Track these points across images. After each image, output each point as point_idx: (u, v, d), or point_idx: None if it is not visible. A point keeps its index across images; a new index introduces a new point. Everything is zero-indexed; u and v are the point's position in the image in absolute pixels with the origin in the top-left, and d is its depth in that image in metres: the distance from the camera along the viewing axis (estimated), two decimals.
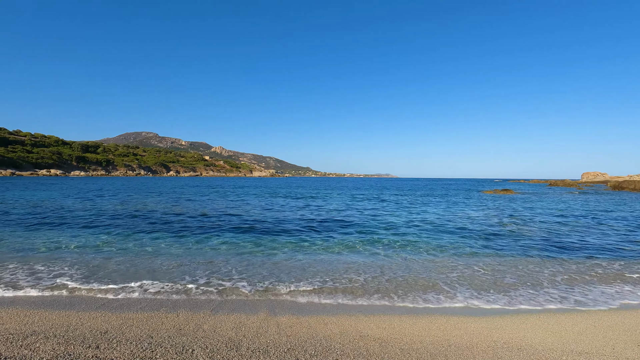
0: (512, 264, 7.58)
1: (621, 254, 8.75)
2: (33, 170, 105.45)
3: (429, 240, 9.95)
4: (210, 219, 13.75)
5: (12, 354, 3.25)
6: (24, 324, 4.07)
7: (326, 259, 7.66)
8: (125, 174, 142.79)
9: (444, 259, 7.86)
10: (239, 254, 8.05)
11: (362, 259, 7.78)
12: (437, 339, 3.95)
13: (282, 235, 10.41)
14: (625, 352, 3.71)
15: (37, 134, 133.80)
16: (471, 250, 8.85)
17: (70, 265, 6.73)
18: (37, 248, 8.22)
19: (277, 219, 14.34)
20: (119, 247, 8.52)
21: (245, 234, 10.67)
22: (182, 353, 3.39)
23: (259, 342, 3.73)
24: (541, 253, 8.68)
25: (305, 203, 22.88)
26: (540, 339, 4.00)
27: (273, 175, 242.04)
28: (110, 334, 3.80)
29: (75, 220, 12.93)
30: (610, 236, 11.25)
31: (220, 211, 16.73)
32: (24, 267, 6.60)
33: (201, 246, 8.76)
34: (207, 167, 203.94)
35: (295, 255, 8.01)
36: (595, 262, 7.86)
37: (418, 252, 8.59)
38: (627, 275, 6.80)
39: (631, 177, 56.73)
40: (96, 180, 74.55)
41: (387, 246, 9.13)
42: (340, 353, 3.51)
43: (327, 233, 11.00)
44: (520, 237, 10.94)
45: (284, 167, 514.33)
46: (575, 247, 9.48)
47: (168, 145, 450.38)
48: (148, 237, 9.74)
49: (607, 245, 9.68)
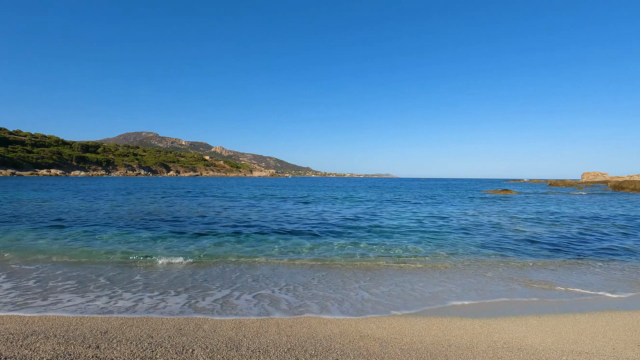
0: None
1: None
2: (33, 170, 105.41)
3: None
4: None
5: (12, 354, 3.24)
6: (24, 323, 4.07)
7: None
8: (125, 174, 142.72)
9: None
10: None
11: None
12: (437, 339, 3.95)
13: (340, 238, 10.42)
14: (625, 352, 3.71)
15: (37, 134, 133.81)
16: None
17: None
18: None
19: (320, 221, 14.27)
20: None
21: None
22: (182, 353, 3.39)
23: (259, 342, 3.73)
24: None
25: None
26: (540, 339, 4.00)
27: (273, 175, 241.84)
28: (110, 334, 3.80)
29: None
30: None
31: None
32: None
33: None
34: (207, 167, 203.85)
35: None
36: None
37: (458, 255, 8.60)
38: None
39: (631, 177, 56.71)
40: (97, 180, 74.50)
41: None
42: (340, 353, 3.51)
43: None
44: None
45: (284, 167, 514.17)
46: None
47: (168, 145, 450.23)
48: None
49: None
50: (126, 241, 9.20)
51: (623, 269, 7.39)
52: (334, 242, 9.59)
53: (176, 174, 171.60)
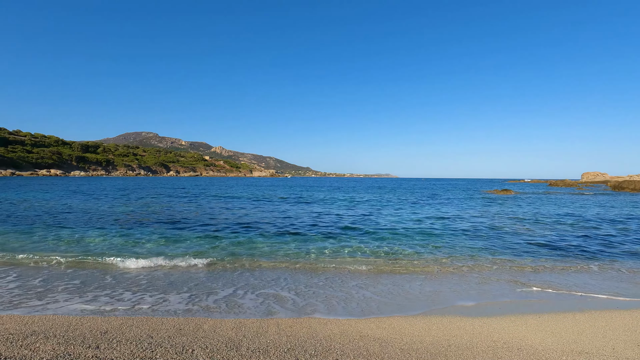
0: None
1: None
2: (33, 170, 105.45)
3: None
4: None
5: (12, 354, 3.24)
6: (24, 323, 4.07)
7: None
8: (125, 174, 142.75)
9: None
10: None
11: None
12: (437, 339, 3.95)
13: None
14: (625, 352, 3.71)
15: (37, 134, 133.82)
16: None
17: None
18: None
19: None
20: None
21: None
22: (182, 353, 3.39)
23: (259, 342, 3.73)
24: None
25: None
26: (540, 339, 4.00)
27: (273, 175, 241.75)
28: (110, 334, 3.80)
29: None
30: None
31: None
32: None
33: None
34: (207, 167, 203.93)
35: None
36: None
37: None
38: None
39: (631, 177, 56.71)
40: (98, 180, 74.51)
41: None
42: (340, 353, 3.51)
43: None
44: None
45: (284, 167, 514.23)
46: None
47: (168, 145, 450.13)
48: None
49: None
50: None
51: (623, 269, 7.40)
52: (327, 242, 9.63)
53: (176, 174, 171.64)
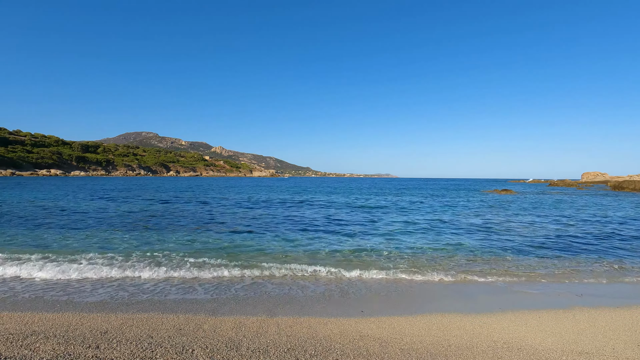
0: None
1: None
2: (33, 170, 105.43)
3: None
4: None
5: (12, 354, 3.24)
6: (24, 323, 4.07)
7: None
8: (125, 174, 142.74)
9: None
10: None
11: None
12: (437, 339, 3.95)
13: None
14: (625, 352, 3.71)
15: (37, 134, 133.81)
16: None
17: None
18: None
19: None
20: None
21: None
22: (182, 353, 3.39)
23: (259, 342, 3.73)
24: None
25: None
26: (540, 339, 4.00)
27: (273, 175, 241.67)
28: (110, 334, 3.80)
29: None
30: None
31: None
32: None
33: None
34: (207, 167, 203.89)
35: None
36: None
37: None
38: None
39: (631, 177, 56.69)
40: (98, 180, 74.51)
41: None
42: (340, 353, 3.51)
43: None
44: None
45: (284, 167, 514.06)
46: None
47: (168, 145, 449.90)
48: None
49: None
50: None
51: (623, 269, 7.39)
52: (324, 240, 9.64)
53: (176, 174, 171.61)
